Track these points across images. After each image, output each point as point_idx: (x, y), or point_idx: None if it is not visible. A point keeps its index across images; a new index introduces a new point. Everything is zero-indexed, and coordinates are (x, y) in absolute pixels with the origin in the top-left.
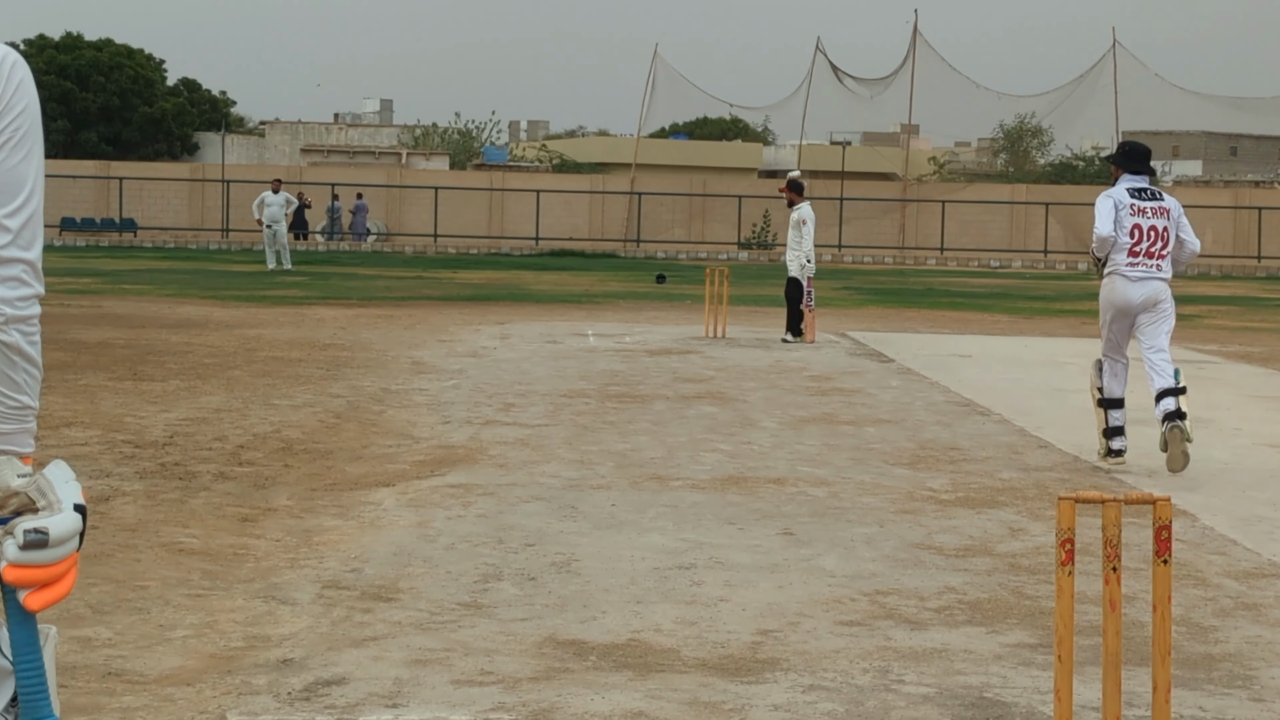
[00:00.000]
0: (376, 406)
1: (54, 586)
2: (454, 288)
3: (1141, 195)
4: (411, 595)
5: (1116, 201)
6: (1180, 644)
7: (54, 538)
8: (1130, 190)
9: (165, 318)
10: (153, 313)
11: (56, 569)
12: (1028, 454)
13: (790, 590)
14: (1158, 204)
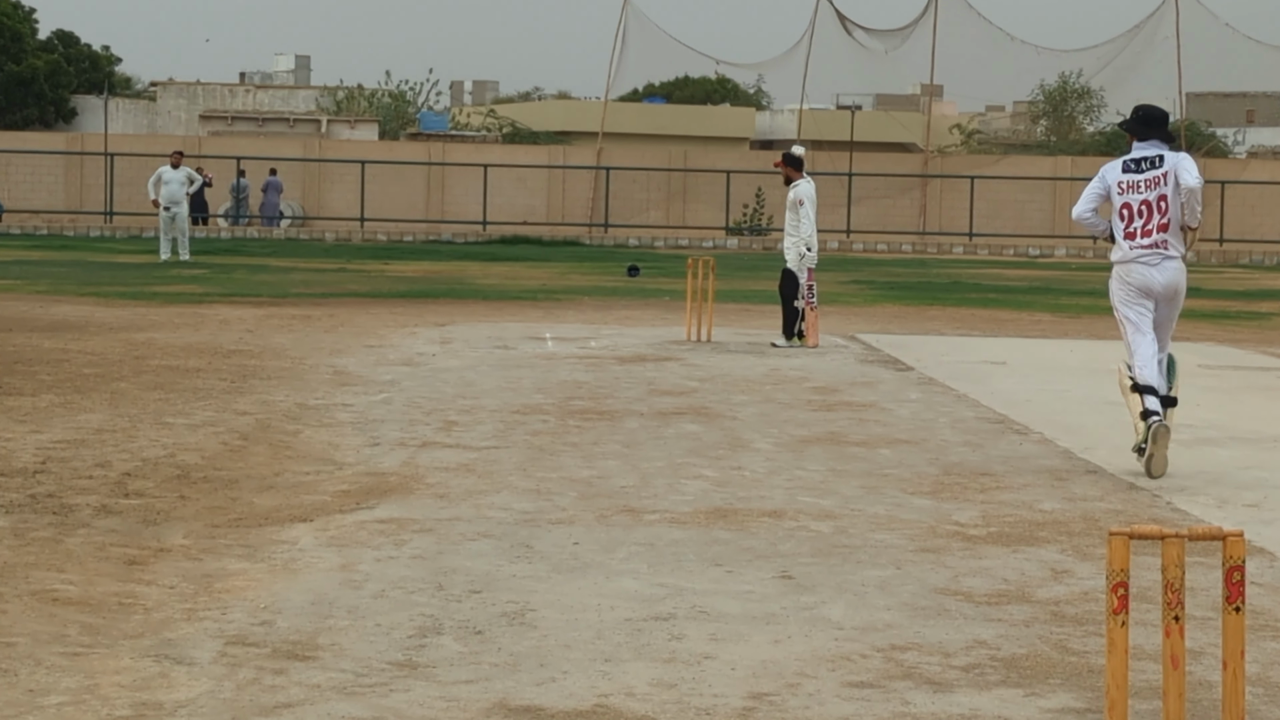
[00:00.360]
0: (291, 426)
1: None
2: (385, 282)
3: (1136, 167)
4: (333, 653)
5: (1105, 183)
6: (1255, 708)
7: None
8: (1125, 164)
9: (36, 319)
10: (21, 313)
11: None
12: (1073, 481)
13: (789, 645)
14: (1150, 174)
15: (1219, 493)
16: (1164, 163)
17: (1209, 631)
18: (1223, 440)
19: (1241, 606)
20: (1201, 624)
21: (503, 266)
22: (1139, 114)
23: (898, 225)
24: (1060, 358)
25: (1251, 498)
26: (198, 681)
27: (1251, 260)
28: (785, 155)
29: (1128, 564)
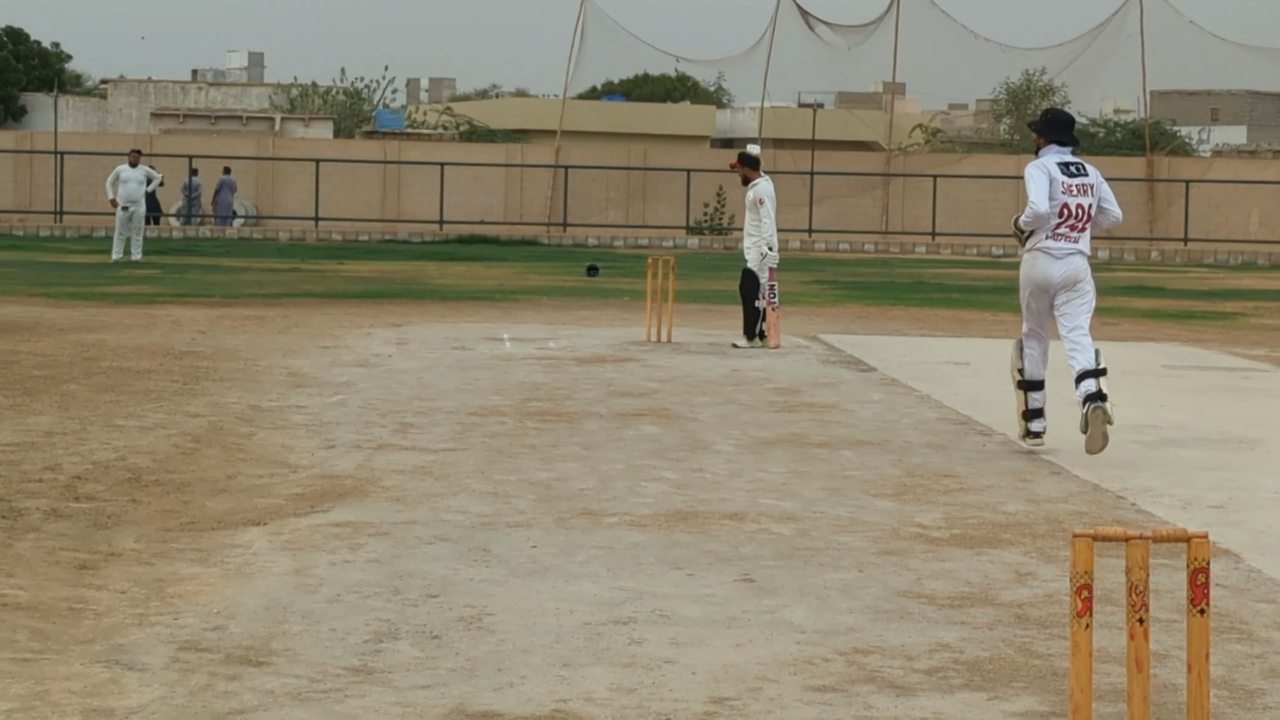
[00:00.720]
0: (244, 428)
1: None
2: (339, 282)
3: (1071, 171)
4: (287, 658)
5: (1051, 177)
6: (1221, 712)
7: None
8: (1060, 165)
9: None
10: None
11: None
12: (1037, 482)
13: (750, 649)
14: (1083, 180)
15: (1184, 494)
16: (1089, 174)
17: (1174, 634)
18: (1188, 441)
19: (1206, 609)
20: (1166, 626)
21: (460, 266)
22: (1049, 117)
23: (860, 225)
24: None
25: (1217, 499)
26: (149, 688)
27: (1216, 260)
28: (741, 155)
29: (1092, 566)
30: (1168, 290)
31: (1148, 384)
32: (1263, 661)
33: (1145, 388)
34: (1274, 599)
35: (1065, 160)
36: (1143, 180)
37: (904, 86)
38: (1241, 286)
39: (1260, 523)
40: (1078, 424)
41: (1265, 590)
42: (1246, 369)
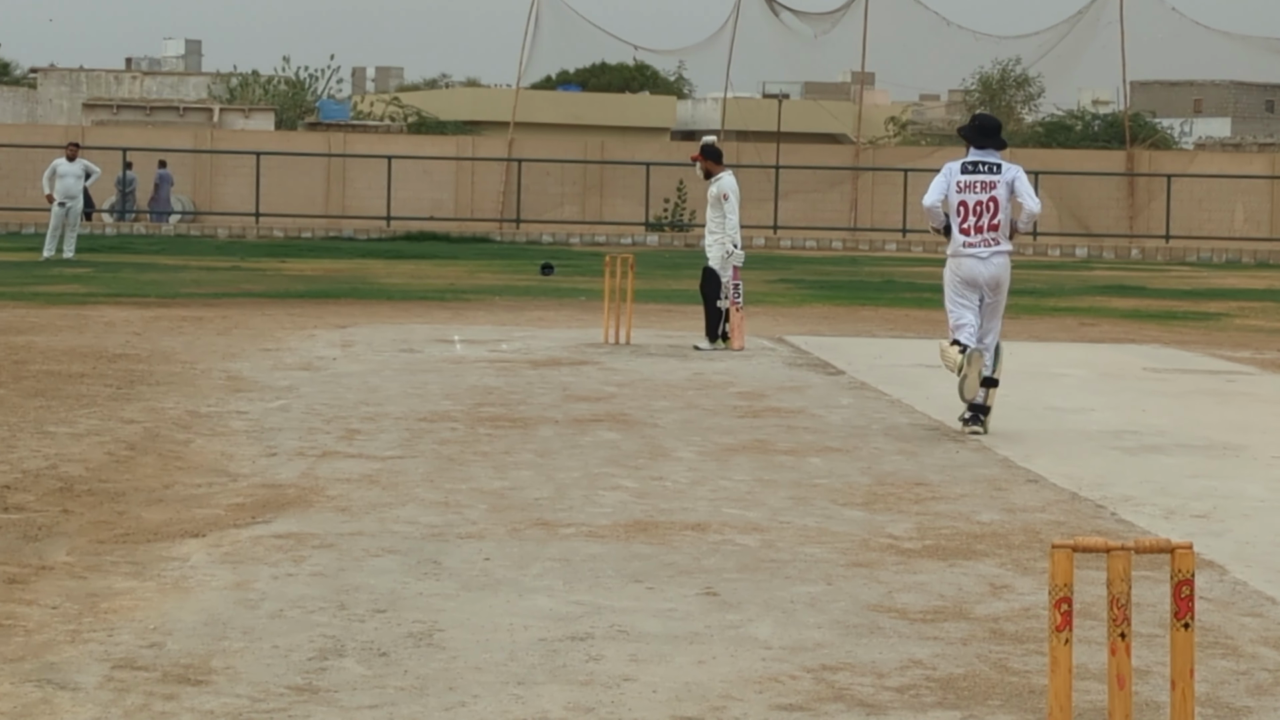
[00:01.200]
0: (182, 435)
1: None
2: (281, 281)
3: (974, 170)
4: (228, 677)
5: (948, 176)
6: None
7: None
8: (964, 165)
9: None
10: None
11: None
12: (1013, 490)
13: (714, 666)
14: (988, 177)
15: (1166, 503)
16: (1001, 171)
17: (1156, 649)
18: (1169, 447)
19: (1191, 622)
20: (1148, 641)
21: (408, 265)
22: (976, 123)
23: (827, 220)
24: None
25: (1200, 508)
26: (83, 708)
27: (1199, 258)
28: (704, 148)
29: (1071, 578)
30: (1149, 290)
31: (1128, 388)
32: (1249, 678)
33: (1125, 391)
34: (1260, 612)
35: (976, 160)
36: (1122, 175)
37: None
38: (1225, 286)
39: (1245, 533)
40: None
41: (1251, 603)
42: (1231, 372)
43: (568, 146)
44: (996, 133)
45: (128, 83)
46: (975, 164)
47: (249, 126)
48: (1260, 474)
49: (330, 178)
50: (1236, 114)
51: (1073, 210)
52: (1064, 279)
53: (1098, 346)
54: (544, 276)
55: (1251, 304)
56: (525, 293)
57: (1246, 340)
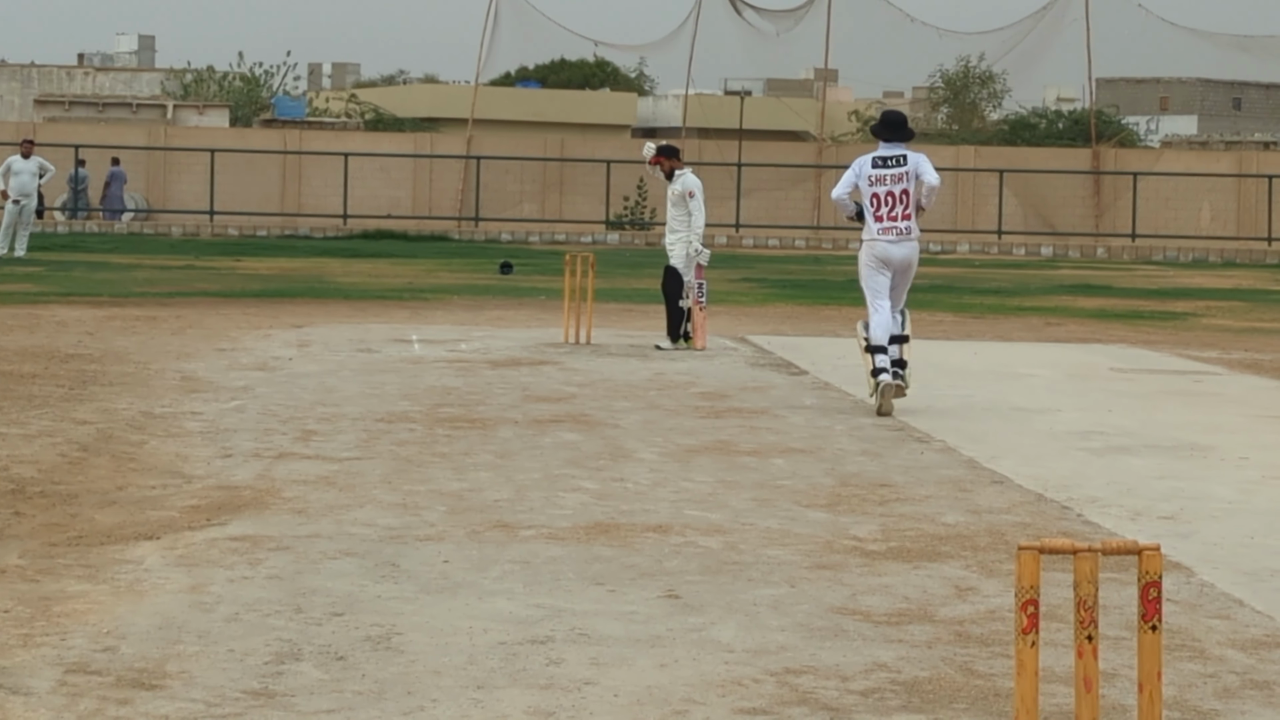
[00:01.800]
0: (135, 436)
1: None
2: (236, 280)
3: (884, 164)
4: (183, 681)
5: (858, 171)
6: None
7: None
8: (875, 159)
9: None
10: None
11: None
12: (978, 492)
13: (676, 670)
14: (897, 170)
15: (1132, 504)
16: (907, 162)
17: (1122, 652)
18: (1136, 448)
19: (1158, 625)
20: (1114, 644)
21: (365, 263)
22: (884, 119)
23: (790, 219)
24: (963, 360)
25: (1167, 509)
26: (35, 713)
27: (1165, 257)
28: (662, 148)
29: (1038, 580)
30: (1115, 289)
31: (1094, 388)
32: (1216, 681)
33: (1092, 392)
34: (1228, 615)
35: (885, 154)
36: (1088, 173)
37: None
38: (1192, 285)
39: (1213, 534)
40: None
41: (1218, 606)
42: (1198, 372)
43: (527, 144)
44: (903, 125)
45: (80, 79)
46: (884, 159)
47: (203, 123)
48: (1228, 475)
49: (286, 175)
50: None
51: (1038, 209)
52: (1029, 278)
53: (1064, 346)
54: (503, 275)
55: (1218, 303)
56: (484, 292)
57: (1213, 340)
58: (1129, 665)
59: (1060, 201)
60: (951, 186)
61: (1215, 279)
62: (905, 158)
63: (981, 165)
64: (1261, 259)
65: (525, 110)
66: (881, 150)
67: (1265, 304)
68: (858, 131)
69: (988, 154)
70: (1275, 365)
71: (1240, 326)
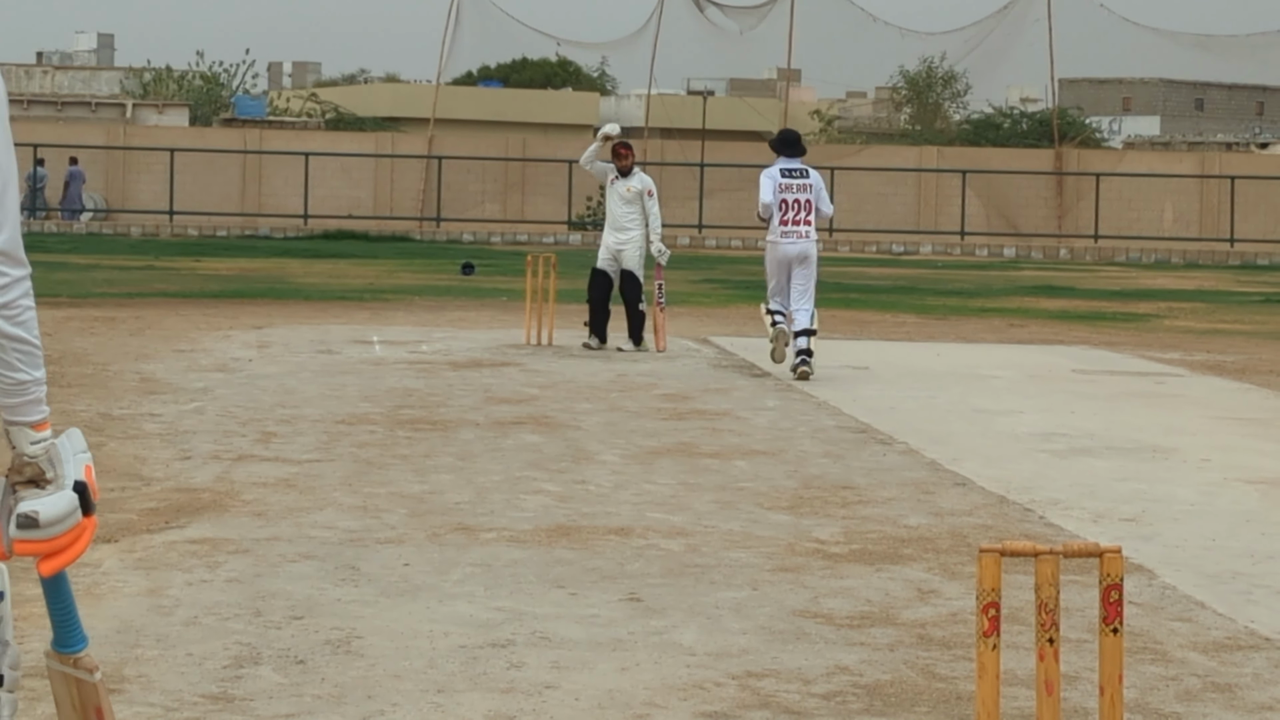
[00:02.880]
0: (93, 437)
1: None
2: (196, 281)
3: (790, 175)
4: (141, 685)
5: (775, 181)
6: None
7: (44, 520)
8: (782, 170)
9: None
10: None
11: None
12: (941, 494)
13: (637, 673)
14: (802, 181)
15: (1095, 506)
16: (809, 176)
17: (1085, 655)
18: (1099, 450)
19: (1119, 627)
20: (1076, 647)
21: (326, 264)
22: (783, 137)
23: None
24: (926, 362)
25: (1129, 511)
26: None
27: (1128, 258)
28: (626, 142)
29: (999, 583)
30: (1077, 290)
31: (1056, 389)
32: (1178, 684)
33: (1054, 393)
34: (1189, 617)
35: (788, 168)
36: (1050, 174)
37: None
38: (1155, 286)
39: (1175, 536)
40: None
41: (1180, 608)
42: (1160, 374)
43: (489, 144)
44: (797, 142)
45: (39, 77)
46: (790, 170)
47: (163, 123)
48: (1190, 477)
49: (246, 175)
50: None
51: (1000, 209)
52: (991, 279)
53: (1026, 348)
54: (464, 276)
55: (1181, 305)
56: (445, 293)
57: (1176, 342)
58: (1090, 668)
59: (1023, 202)
60: (914, 188)
61: (1178, 280)
62: (808, 171)
63: (944, 166)
64: (1224, 260)
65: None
66: (784, 164)
67: (1227, 305)
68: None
69: (950, 154)
70: (1237, 367)
71: (1202, 328)
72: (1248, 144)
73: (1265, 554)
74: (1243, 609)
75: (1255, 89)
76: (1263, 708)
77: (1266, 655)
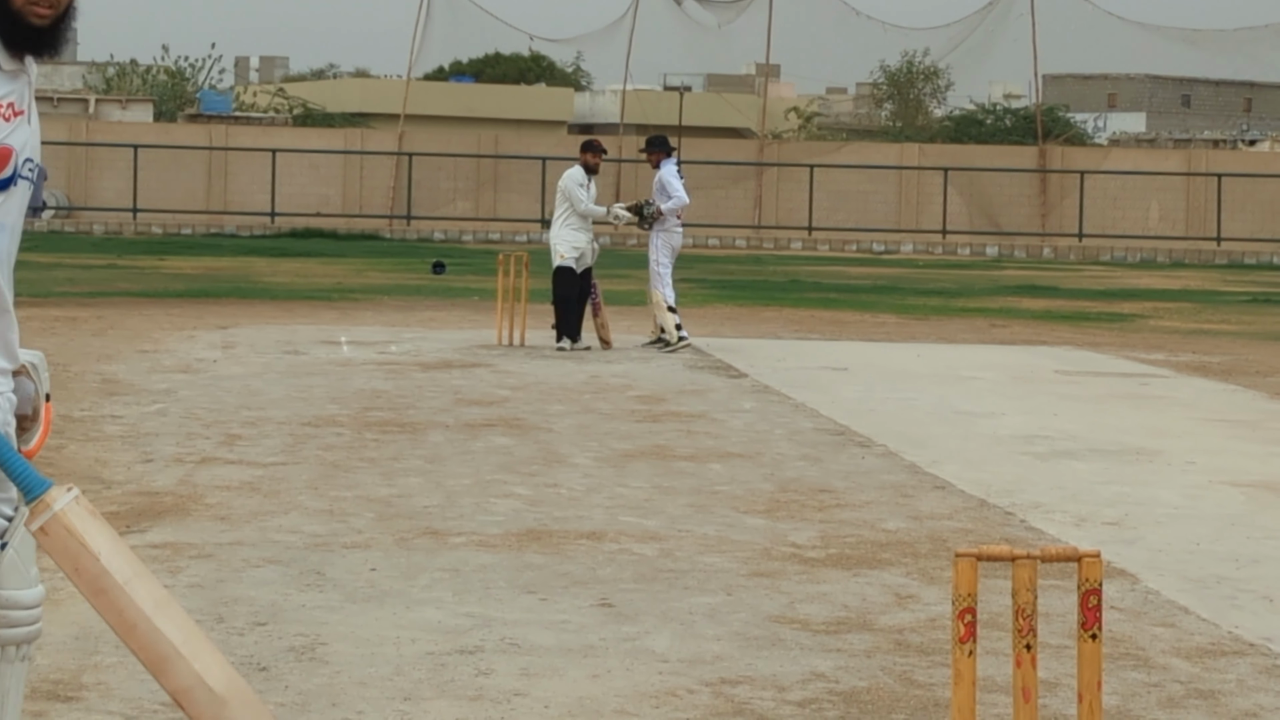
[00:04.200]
0: (53, 440)
1: None
2: (160, 280)
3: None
4: (99, 693)
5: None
6: None
7: None
8: (677, 168)
9: None
10: None
11: None
12: (920, 497)
13: (609, 680)
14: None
15: (1077, 510)
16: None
17: (1065, 661)
18: (1081, 452)
19: (1098, 633)
20: (1057, 653)
21: (293, 263)
22: (663, 140)
23: (730, 218)
24: (906, 363)
25: (1112, 515)
26: None
27: (1113, 257)
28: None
29: (975, 588)
30: (1061, 290)
31: (1039, 391)
32: (1160, 690)
33: (1036, 395)
34: (1172, 622)
35: (677, 164)
36: (1034, 171)
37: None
38: (1140, 286)
39: (1158, 540)
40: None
41: (1163, 613)
42: (1145, 375)
43: (461, 140)
44: (666, 143)
45: None
46: (679, 168)
47: (126, 118)
48: (1174, 480)
49: (211, 172)
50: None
51: (983, 208)
52: (974, 279)
53: (1008, 348)
54: (435, 275)
55: (1166, 305)
56: (415, 292)
57: (1161, 342)
58: (1070, 674)
59: (1006, 200)
60: (895, 185)
61: (1163, 280)
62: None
63: (926, 163)
64: (1210, 259)
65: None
66: (674, 163)
67: (1213, 305)
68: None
69: (932, 152)
70: (1223, 368)
71: (1188, 328)
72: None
73: (1250, 558)
74: (1227, 614)
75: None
76: (1246, 715)
77: (1250, 661)
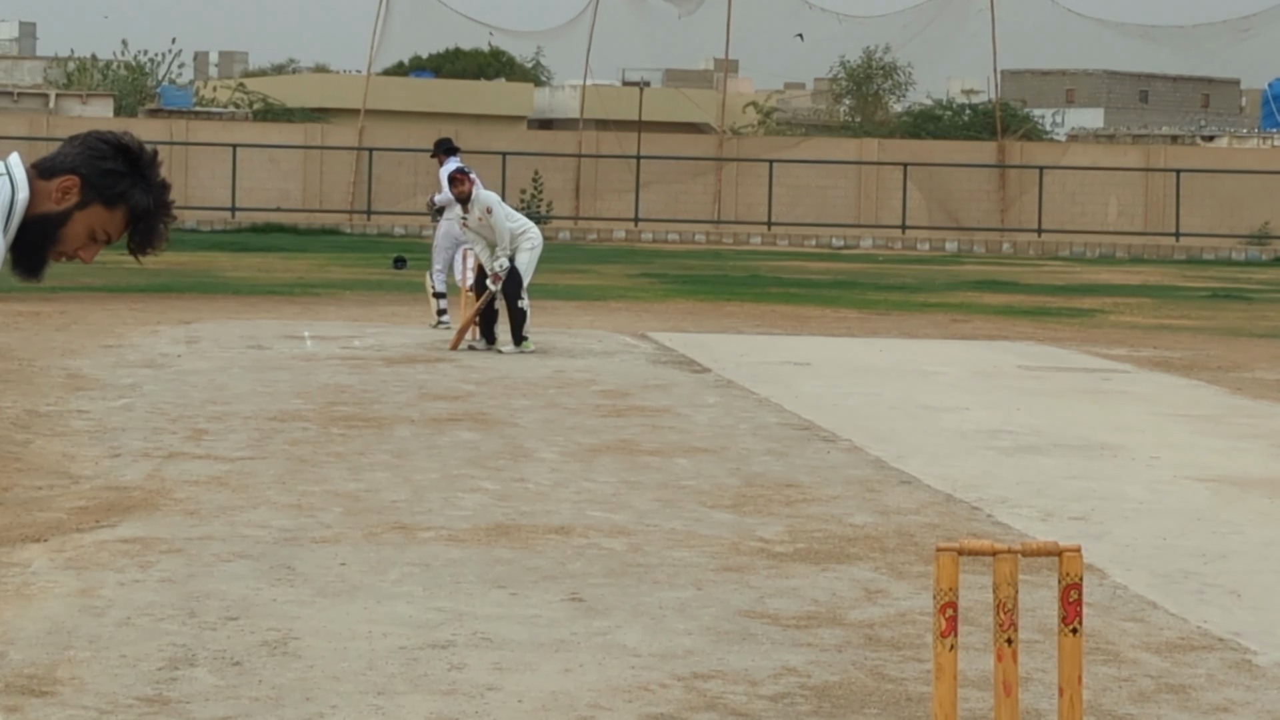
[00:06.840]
0: (20, 435)
1: None
2: (122, 275)
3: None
4: (73, 688)
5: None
6: None
7: None
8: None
9: None
10: None
11: None
12: (886, 492)
13: (580, 674)
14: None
15: (1043, 505)
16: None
17: (1035, 656)
18: (1046, 448)
19: (1079, 628)
20: (1027, 648)
21: (255, 258)
22: (450, 142)
23: (690, 213)
24: (869, 358)
25: (1078, 510)
26: None
27: (1072, 252)
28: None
29: (956, 582)
30: (1021, 285)
31: (1002, 386)
32: (1131, 685)
33: (999, 390)
34: (1141, 617)
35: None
36: (993, 166)
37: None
38: (1100, 281)
39: (1125, 535)
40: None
41: (1132, 608)
42: (1106, 370)
43: (421, 135)
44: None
45: None
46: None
47: (86, 113)
48: (1139, 475)
49: (172, 167)
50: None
51: (942, 203)
52: (934, 274)
53: (970, 344)
54: (397, 270)
55: (1126, 300)
56: (378, 287)
57: (1122, 337)
58: (1041, 669)
59: (965, 196)
60: (854, 180)
61: (1122, 275)
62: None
63: (885, 158)
64: (1169, 255)
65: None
66: (456, 162)
67: (1173, 301)
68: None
69: (891, 147)
70: (1184, 363)
71: (1148, 323)
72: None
73: (1217, 553)
74: (1195, 609)
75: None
76: (1216, 709)
77: (1220, 656)
